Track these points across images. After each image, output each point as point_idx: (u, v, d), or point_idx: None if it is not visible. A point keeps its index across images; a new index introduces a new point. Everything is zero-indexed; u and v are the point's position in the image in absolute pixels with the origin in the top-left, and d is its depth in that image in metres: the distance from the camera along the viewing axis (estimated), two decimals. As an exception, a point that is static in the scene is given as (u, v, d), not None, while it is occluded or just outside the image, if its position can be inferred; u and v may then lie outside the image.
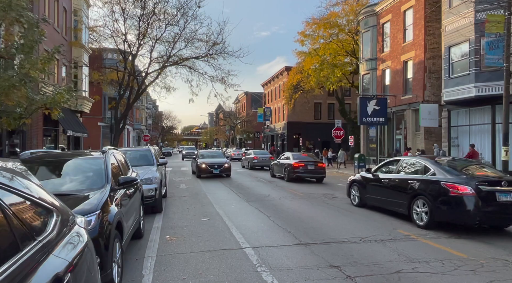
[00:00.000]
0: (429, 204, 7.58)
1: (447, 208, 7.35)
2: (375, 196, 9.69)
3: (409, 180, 8.38)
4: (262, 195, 12.68)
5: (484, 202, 6.95)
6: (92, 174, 5.07)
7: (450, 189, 7.26)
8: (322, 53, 30.55)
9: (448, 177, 7.52)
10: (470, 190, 7.01)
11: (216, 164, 19.35)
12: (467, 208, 7.00)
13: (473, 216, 7.00)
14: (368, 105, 23.77)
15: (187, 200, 11.66)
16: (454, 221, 7.41)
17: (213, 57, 21.56)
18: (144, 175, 9.32)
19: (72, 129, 19.37)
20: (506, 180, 7.25)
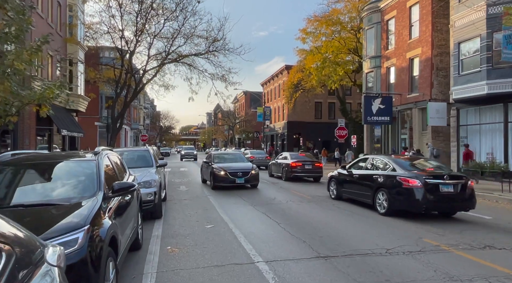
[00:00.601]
0: (388, 195, 8.98)
1: (401, 198, 8.72)
2: (348, 189, 11.03)
3: (373, 175, 9.76)
4: (267, 198, 11.96)
5: (429, 192, 8.32)
6: (82, 179, 4.33)
7: (403, 182, 8.63)
8: (324, 51, 29.83)
9: (403, 172, 8.90)
10: (418, 183, 8.39)
11: (239, 171, 14.19)
12: (416, 198, 8.37)
13: (420, 204, 8.40)
14: (372, 104, 23.10)
15: (188, 204, 10.93)
16: (406, 208, 8.73)
17: (213, 54, 20.85)
18: (143, 177, 8.59)
19: (67, 129, 18.58)
20: (448, 174, 8.72)
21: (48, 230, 3.11)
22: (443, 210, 8.97)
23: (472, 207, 8.76)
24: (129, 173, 6.59)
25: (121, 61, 21.43)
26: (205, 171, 16.11)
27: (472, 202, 8.73)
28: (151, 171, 9.29)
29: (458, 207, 8.82)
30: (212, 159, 15.52)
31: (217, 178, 14.16)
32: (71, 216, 3.43)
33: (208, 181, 15.59)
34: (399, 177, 8.78)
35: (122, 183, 4.51)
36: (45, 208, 3.65)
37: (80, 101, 22.21)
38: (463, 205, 8.73)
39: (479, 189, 13.66)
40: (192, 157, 43.38)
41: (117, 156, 6.09)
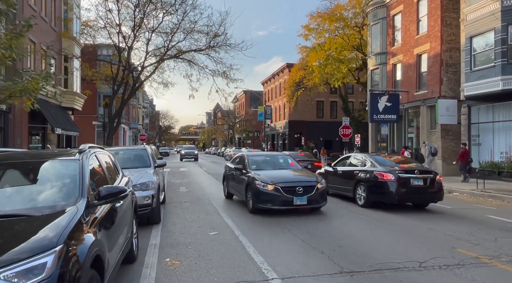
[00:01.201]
0: (366, 188, 9.92)
1: (377, 190, 9.65)
2: (334, 184, 11.77)
3: (354, 171, 10.72)
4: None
5: (401, 185, 9.29)
6: (61, 184, 3.54)
7: (379, 176, 9.58)
8: (328, 48, 29.05)
9: (379, 168, 9.85)
10: (392, 177, 9.36)
11: (299, 185, 8.83)
12: (390, 190, 9.34)
13: (393, 196, 9.36)
14: (379, 102, 22.32)
15: (189, 207, 10.13)
16: (382, 200, 9.66)
17: (214, 49, 20.03)
18: (139, 179, 7.80)
19: (62, 127, 17.78)
20: (419, 169, 9.80)
21: (5, 255, 2.32)
22: (414, 201, 9.99)
23: (440, 199, 9.80)
24: (123, 174, 5.81)
25: (119, 57, 20.61)
26: (235, 182, 10.78)
27: (440, 194, 9.78)
28: (149, 171, 8.50)
29: (428, 198, 9.86)
30: (248, 164, 10.14)
31: (261, 196, 8.79)
32: (40, 233, 2.64)
33: (238, 196, 10.69)
34: (376, 172, 9.76)
35: (111, 188, 3.71)
36: (8, 221, 2.85)
37: (76, 99, 21.43)
38: (432, 197, 9.75)
39: (497, 190, 12.92)
40: (192, 157, 41.11)
41: (109, 155, 5.30)
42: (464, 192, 13.66)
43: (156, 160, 10.33)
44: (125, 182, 5.30)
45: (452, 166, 19.47)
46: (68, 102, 20.91)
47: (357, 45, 30.47)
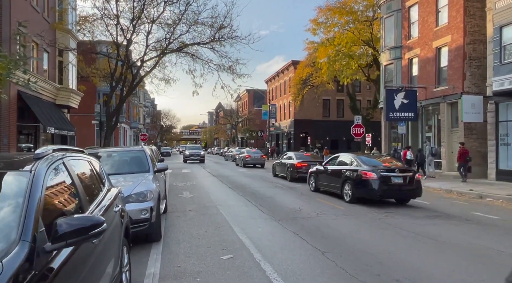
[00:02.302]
0: (352, 185, 10.77)
1: (361, 187, 10.53)
2: (324, 182, 12.89)
3: (342, 170, 11.63)
4: (291, 210, 9.73)
5: (383, 183, 10.20)
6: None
7: (363, 175, 10.43)
8: (337, 43, 27.57)
9: (363, 167, 10.72)
10: (374, 175, 10.24)
11: None
12: (372, 187, 10.26)
13: (375, 193, 10.27)
14: (395, 98, 20.87)
15: (194, 218, 8.72)
16: (365, 196, 10.57)
17: (220, 41, 18.56)
18: (135, 188, 6.39)
19: (55, 126, 16.38)
20: (399, 168, 10.77)
21: None
22: (394, 197, 10.94)
23: (418, 195, 10.77)
24: (110, 185, 4.39)
25: (117, 51, 19.20)
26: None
27: (419, 191, 10.73)
28: (147, 178, 7.09)
29: (407, 195, 10.80)
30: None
31: None
32: None
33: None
34: (360, 171, 10.62)
35: (77, 221, 2.26)
36: None
37: (71, 96, 20.02)
38: (411, 193, 10.74)
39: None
40: (198, 159, 35.49)
41: (89, 161, 3.89)
42: (499, 198, 12.23)
43: (156, 163, 8.93)
44: (110, 199, 3.88)
45: (476, 168, 18.04)
46: (63, 100, 19.51)
47: (367, 40, 28.99)
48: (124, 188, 6.30)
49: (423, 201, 11.42)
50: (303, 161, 17.81)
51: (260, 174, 22.34)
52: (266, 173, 24.39)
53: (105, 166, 7.68)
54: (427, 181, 17.05)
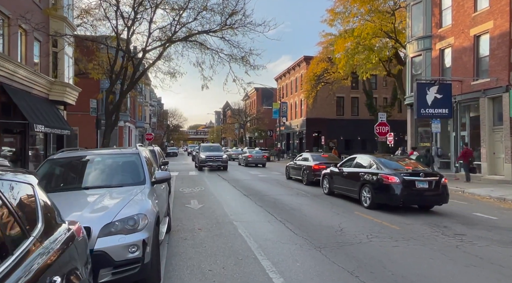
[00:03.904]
0: (371, 190, 10.15)
1: (382, 193, 9.86)
2: (339, 185, 12.13)
3: (360, 173, 10.91)
4: (330, 230, 7.55)
5: (406, 188, 9.49)
6: None
7: (384, 179, 9.79)
8: (358, 34, 25.28)
9: (384, 170, 10.07)
10: (397, 179, 9.58)
11: None
12: (394, 193, 9.53)
13: (398, 199, 9.53)
14: (427, 93, 18.59)
15: (205, 242, 6.62)
16: (386, 202, 9.81)
17: (232, 28, 16.43)
18: (120, 210, 4.28)
19: (46, 124, 14.41)
20: (424, 172, 10.01)
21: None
22: (418, 203, 10.04)
23: (445, 202, 9.80)
24: (43, 225, 2.30)
25: (117, 40, 17.20)
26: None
27: (445, 197, 9.75)
28: (142, 192, 4.98)
29: (432, 201, 9.93)
30: None
31: None
32: None
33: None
34: (381, 174, 9.88)
35: None
36: None
37: (67, 91, 18.07)
38: (436, 199, 9.81)
39: None
40: (219, 165, 24.52)
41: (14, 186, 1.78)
42: None
43: (156, 170, 6.83)
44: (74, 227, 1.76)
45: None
46: (57, 95, 17.57)
47: (389, 31, 26.66)
48: (104, 212, 4.23)
49: (487, 215, 9.25)
50: (320, 163, 16.32)
51: (275, 177, 20.26)
52: (272, 173, 22.59)
53: (81, 177, 5.63)
54: (470, 187, 14.82)
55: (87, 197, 4.70)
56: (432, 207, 10.17)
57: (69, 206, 4.40)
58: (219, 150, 27.09)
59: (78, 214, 4.08)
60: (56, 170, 5.49)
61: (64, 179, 5.46)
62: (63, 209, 4.32)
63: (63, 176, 5.52)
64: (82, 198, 4.67)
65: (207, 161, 24.32)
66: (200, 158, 24.93)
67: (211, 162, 24.29)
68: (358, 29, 25.30)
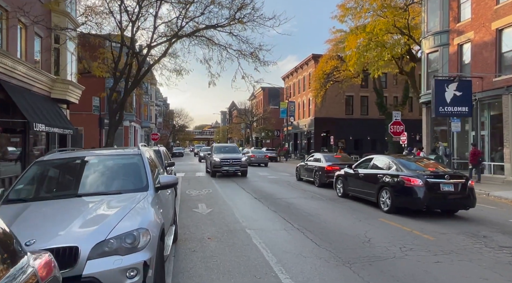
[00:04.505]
0: (391, 193, 9.43)
1: (403, 196, 9.15)
2: (354, 187, 11.52)
3: (378, 174, 10.25)
4: (356, 240, 6.73)
5: (430, 191, 8.76)
6: None
7: (406, 181, 9.08)
8: (370, 30, 24.36)
9: (405, 172, 9.37)
10: (420, 182, 8.84)
11: None
12: (417, 196, 8.81)
13: (422, 202, 8.81)
14: (446, 90, 17.66)
15: (216, 254, 5.84)
16: (408, 206, 9.13)
17: (241, 22, 15.63)
18: (117, 224, 3.51)
19: (46, 123, 13.73)
20: (449, 174, 9.20)
21: None
22: (443, 208, 9.31)
23: (471, 206, 9.06)
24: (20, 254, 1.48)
25: (121, 36, 16.49)
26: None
27: (472, 201, 9.04)
28: (144, 201, 4.20)
29: (459, 205, 9.21)
30: None
31: None
32: None
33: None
34: (402, 177, 9.21)
35: None
36: None
37: (69, 89, 17.41)
38: (463, 203, 9.08)
39: None
40: (236, 170, 19.85)
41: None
42: None
43: (161, 172, 6.07)
44: None
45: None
46: (60, 93, 16.91)
47: (403, 27, 25.70)
48: (97, 227, 3.46)
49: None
50: (333, 164, 15.68)
51: (284, 179, 19.45)
52: (281, 174, 21.92)
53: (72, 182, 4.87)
54: (495, 189, 13.90)
55: (77, 207, 3.94)
56: (456, 212, 9.51)
57: (53, 218, 3.64)
58: (236, 151, 22.02)
59: (63, 231, 3.31)
60: (44, 174, 4.75)
61: (52, 185, 4.71)
62: (46, 223, 3.56)
63: (52, 181, 4.77)
64: (71, 209, 3.91)
65: (223, 165, 19.56)
66: (214, 161, 19.68)
67: (227, 166, 19.57)
68: (370, 25, 24.38)
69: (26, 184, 4.46)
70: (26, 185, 4.44)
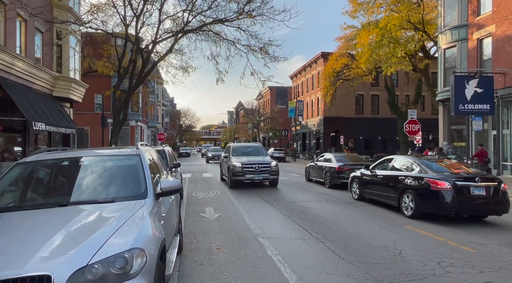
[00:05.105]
0: (414, 197, 8.66)
1: (429, 200, 8.38)
2: (372, 190, 10.80)
3: (399, 176, 9.48)
4: (386, 252, 5.93)
5: (459, 195, 7.97)
6: None
7: (432, 184, 8.30)
8: (383, 25, 23.45)
9: (431, 174, 8.57)
10: (448, 185, 8.07)
11: None
12: (445, 201, 8.02)
13: (450, 207, 8.01)
14: (466, 87, 16.77)
15: (226, 268, 5.10)
16: (435, 211, 8.37)
17: (250, 15, 14.85)
18: (104, 243, 2.76)
19: (47, 122, 13.12)
20: (480, 176, 8.37)
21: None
22: (473, 213, 8.63)
23: (505, 211, 8.29)
24: None
25: (125, 32, 15.85)
26: None
27: (505, 206, 8.26)
28: (140, 212, 3.46)
29: (490, 210, 8.44)
30: None
31: None
32: None
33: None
34: (427, 179, 8.52)
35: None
36: None
37: (72, 87, 16.83)
38: (495, 208, 8.29)
39: None
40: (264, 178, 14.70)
41: None
42: None
43: (164, 175, 5.32)
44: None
45: None
46: (62, 91, 16.35)
47: (417, 23, 24.72)
48: (78, 248, 2.73)
49: None
50: (344, 165, 15.13)
51: (294, 180, 18.65)
52: (290, 175, 21.18)
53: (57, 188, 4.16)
54: None
55: (58, 220, 3.20)
56: (486, 217, 8.78)
57: (26, 236, 2.90)
58: (262, 152, 16.06)
59: (34, 254, 2.58)
60: (25, 178, 4.03)
61: (33, 192, 3.98)
62: (15, 243, 2.83)
63: (32, 187, 4.04)
64: (50, 222, 3.18)
65: (246, 172, 14.15)
66: (233, 167, 14.31)
67: (251, 174, 14.17)
68: (384, 20, 23.47)
69: (1, 191, 3.75)
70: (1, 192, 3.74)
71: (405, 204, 8.99)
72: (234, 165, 14.47)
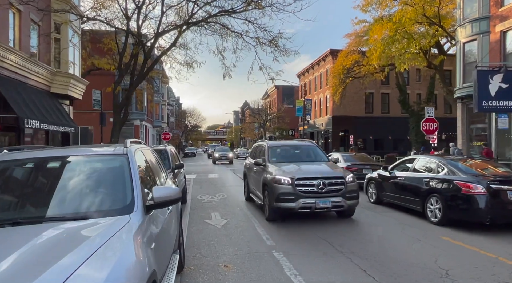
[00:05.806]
0: (442, 201, 7.82)
1: (459, 206, 7.56)
2: (391, 193, 9.91)
3: (423, 178, 8.61)
4: (429, 271, 4.91)
5: (495, 200, 7.15)
6: None
7: (462, 187, 7.46)
8: (397, 19, 22.33)
9: (461, 176, 7.74)
10: (481, 188, 7.22)
11: None
12: (478, 206, 7.18)
13: (484, 214, 7.19)
14: (490, 82, 15.58)
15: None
16: (466, 218, 7.54)
17: (259, 6, 13.89)
18: (64, 282, 1.78)
19: (41, 120, 12.24)
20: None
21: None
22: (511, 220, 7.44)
23: None
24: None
25: (127, 23, 14.96)
26: None
27: None
28: (120, 234, 2.49)
29: None
30: None
31: None
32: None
33: None
34: (457, 182, 7.64)
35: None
36: None
37: (71, 84, 15.97)
38: None
39: None
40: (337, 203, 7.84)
41: None
42: None
43: (161, 181, 4.36)
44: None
45: None
46: (60, 87, 15.49)
47: (432, 17, 23.57)
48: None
49: None
50: (353, 165, 14.62)
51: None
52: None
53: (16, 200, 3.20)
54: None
55: (6, 246, 2.24)
56: None
57: None
58: (322, 157, 10.23)
59: None
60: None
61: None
62: None
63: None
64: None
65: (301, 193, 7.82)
66: (276, 184, 8.06)
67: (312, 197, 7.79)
68: (398, 14, 22.37)
69: None
70: None
71: (431, 209, 8.14)
72: (278, 179, 8.05)
